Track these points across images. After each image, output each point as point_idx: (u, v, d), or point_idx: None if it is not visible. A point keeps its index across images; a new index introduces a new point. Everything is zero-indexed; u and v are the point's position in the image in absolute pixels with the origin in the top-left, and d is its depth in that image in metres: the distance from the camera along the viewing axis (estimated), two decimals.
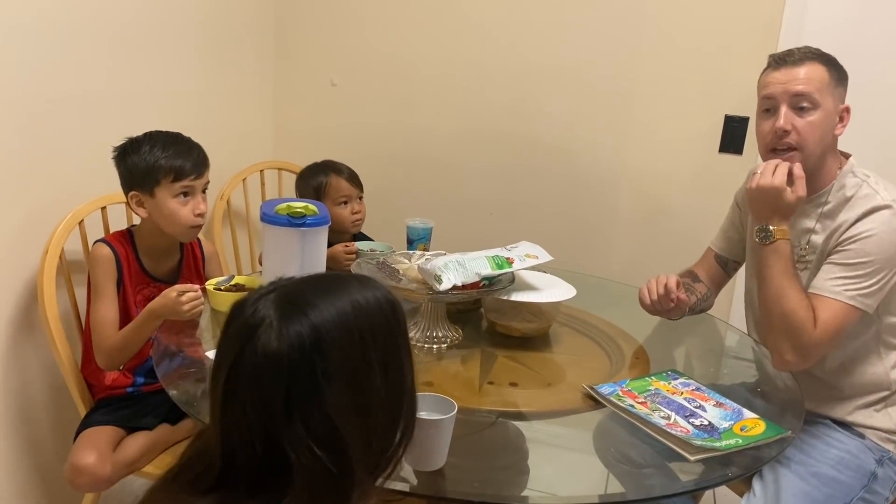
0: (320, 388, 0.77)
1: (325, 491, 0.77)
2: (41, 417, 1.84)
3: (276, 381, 0.76)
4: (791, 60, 1.51)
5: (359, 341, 0.80)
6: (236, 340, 0.79)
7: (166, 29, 2.12)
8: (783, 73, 1.51)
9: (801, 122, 1.48)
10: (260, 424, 0.77)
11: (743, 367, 1.75)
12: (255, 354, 0.77)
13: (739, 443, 1.24)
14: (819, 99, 1.48)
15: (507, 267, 1.59)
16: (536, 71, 2.46)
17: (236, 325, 0.80)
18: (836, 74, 1.51)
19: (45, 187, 1.75)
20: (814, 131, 1.48)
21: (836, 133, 1.53)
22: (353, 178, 2.15)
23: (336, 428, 0.77)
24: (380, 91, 2.63)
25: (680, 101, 2.36)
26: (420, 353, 1.56)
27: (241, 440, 0.78)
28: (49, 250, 1.69)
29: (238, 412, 0.78)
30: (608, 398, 1.36)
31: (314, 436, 0.76)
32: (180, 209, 1.62)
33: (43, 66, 1.71)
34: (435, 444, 1.09)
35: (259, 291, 0.82)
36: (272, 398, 0.76)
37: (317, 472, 0.76)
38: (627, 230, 2.48)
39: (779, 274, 1.44)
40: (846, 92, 1.53)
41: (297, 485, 0.76)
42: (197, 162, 1.64)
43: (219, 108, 2.43)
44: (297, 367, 0.76)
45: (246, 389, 0.77)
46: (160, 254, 1.73)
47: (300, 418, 0.76)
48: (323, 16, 2.63)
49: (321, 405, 0.77)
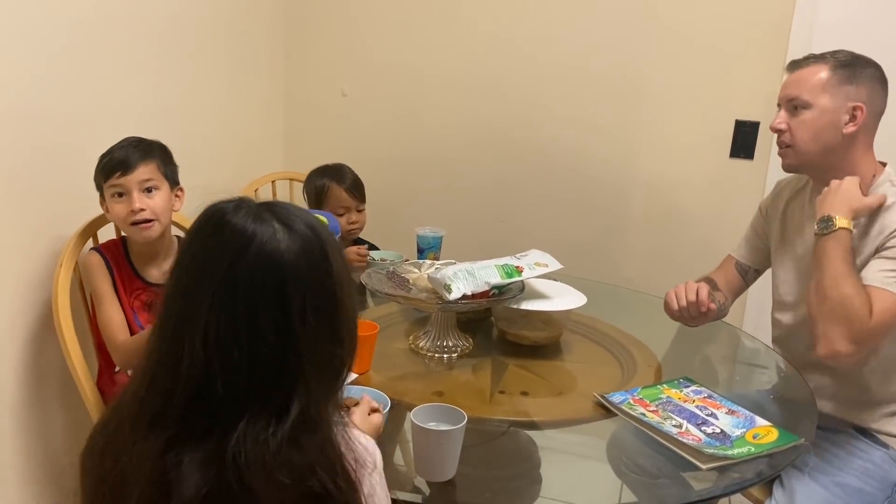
0: (328, 284, 0.82)
1: (331, 376, 0.85)
2: (56, 428, 1.85)
3: (294, 277, 0.79)
4: (799, 65, 1.57)
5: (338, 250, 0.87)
6: (232, 245, 0.79)
7: (178, 40, 2.14)
8: (789, 77, 1.58)
9: (794, 122, 1.55)
10: (273, 323, 0.78)
11: (756, 374, 1.74)
12: (267, 254, 0.79)
13: (752, 451, 1.23)
14: (810, 99, 1.52)
15: (517, 275, 1.59)
16: (546, 77, 2.46)
17: (226, 231, 0.80)
18: (845, 74, 1.51)
19: (60, 198, 1.77)
20: (805, 130, 1.54)
21: (846, 132, 1.52)
22: (354, 189, 2.16)
23: (341, 320, 0.84)
24: (390, 101, 2.65)
25: (690, 106, 2.35)
26: (431, 362, 1.56)
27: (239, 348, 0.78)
28: (64, 262, 1.71)
29: (242, 316, 0.78)
30: (619, 407, 1.35)
31: (326, 329, 0.82)
32: (115, 207, 1.63)
33: (58, 79, 1.73)
34: (445, 454, 1.09)
35: (227, 203, 0.83)
36: (291, 294, 0.79)
37: (326, 367, 0.83)
38: (638, 237, 2.47)
39: (838, 260, 1.43)
40: (866, 92, 1.52)
41: (308, 382, 0.80)
42: (123, 160, 1.60)
43: (230, 118, 2.45)
44: (311, 264, 0.81)
45: (258, 290, 0.78)
46: (154, 257, 1.73)
47: (314, 314, 0.80)
48: (333, 27, 2.65)
49: (330, 301, 0.82)
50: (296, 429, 0.79)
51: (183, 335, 0.79)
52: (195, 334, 0.79)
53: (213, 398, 0.79)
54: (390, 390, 1.28)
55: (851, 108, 1.51)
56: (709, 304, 1.60)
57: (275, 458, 0.77)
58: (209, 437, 0.78)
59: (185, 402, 0.80)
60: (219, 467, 0.77)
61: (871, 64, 1.54)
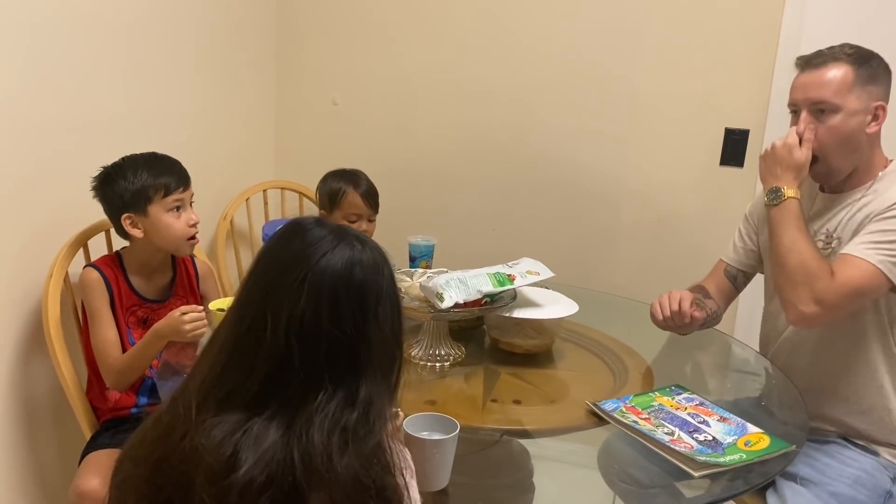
0: (392, 292, 0.95)
1: (392, 379, 0.95)
2: (46, 440, 1.84)
3: (372, 282, 0.92)
4: (815, 63, 1.51)
5: None
6: (314, 252, 0.90)
7: (168, 50, 2.14)
8: (806, 77, 1.52)
9: (821, 128, 1.50)
10: (351, 317, 0.89)
11: (748, 381, 1.74)
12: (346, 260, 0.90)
13: (744, 458, 1.23)
14: (839, 102, 1.47)
15: (509, 284, 1.59)
16: (537, 86, 2.47)
17: (305, 240, 0.92)
18: (866, 72, 1.48)
19: (49, 210, 1.77)
20: (833, 136, 1.49)
21: (870, 131, 1.50)
22: (369, 197, 2.11)
23: (400, 326, 0.96)
24: (381, 110, 2.65)
25: (681, 114, 2.37)
26: (423, 371, 1.56)
27: (318, 337, 0.87)
28: (54, 273, 1.70)
29: (323, 309, 0.88)
30: (611, 414, 1.35)
31: (390, 330, 0.93)
32: (175, 223, 1.66)
33: (46, 89, 1.73)
34: (438, 463, 1.09)
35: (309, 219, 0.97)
36: (368, 296, 0.91)
37: (387, 364, 0.93)
38: (630, 244, 2.48)
39: (792, 228, 1.46)
40: (883, 89, 1.51)
41: (370, 371, 0.90)
42: (181, 176, 1.69)
43: (221, 128, 2.45)
44: (389, 279, 0.95)
45: (340, 288, 0.89)
46: (152, 273, 1.74)
47: (384, 315, 0.92)
48: (324, 36, 2.66)
49: (391, 307, 0.94)
50: (360, 417, 0.87)
51: (267, 319, 0.88)
52: (280, 319, 0.87)
53: (290, 378, 0.87)
54: None
55: (875, 107, 1.49)
56: (692, 313, 1.59)
57: (339, 440, 0.84)
58: (281, 415, 0.85)
59: (263, 380, 0.87)
60: (287, 443, 0.83)
61: (878, 56, 1.52)
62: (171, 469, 0.85)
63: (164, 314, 1.61)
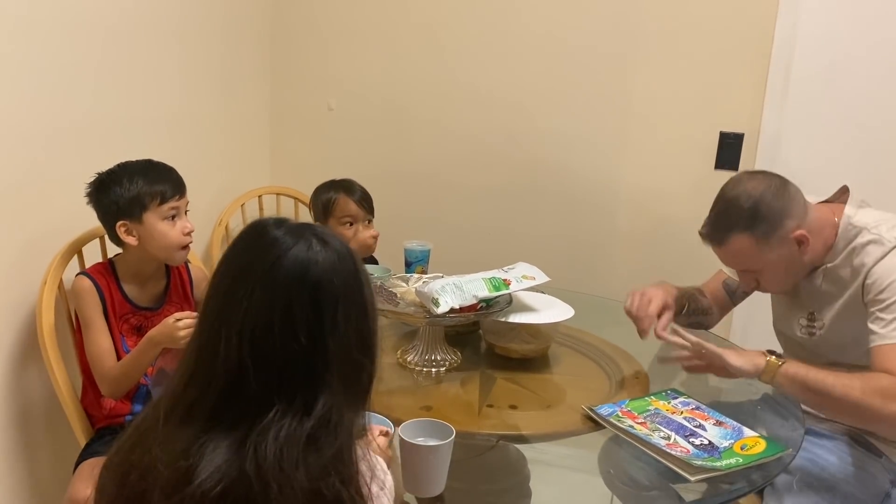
0: (358, 297, 0.89)
1: (358, 388, 0.89)
2: (41, 448, 1.83)
3: (328, 286, 0.86)
4: (715, 241, 1.55)
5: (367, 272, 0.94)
6: (269, 254, 0.86)
7: (163, 56, 2.14)
8: (717, 251, 1.58)
9: (760, 280, 1.58)
10: (306, 326, 0.84)
11: (743, 385, 1.74)
12: (302, 262, 0.85)
13: (740, 462, 1.23)
14: (757, 265, 1.54)
15: (504, 288, 1.59)
16: (532, 91, 2.48)
17: (264, 241, 0.87)
18: (764, 228, 1.48)
19: (44, 217, 1.76)
20: (772, 281, 1.58)
21: (805, 258, 1.52)
22: (364, 202, 2.10)
23: (370, 332, 0.90)
24: (376, 115, 2.65)
25: (675, 118, 2.37)
26: (419, 376, 1.56)
27: (273, 347, 0.84)
28: (48, 280, 1.70)
29: (277, 318, 0.84)
30: (608, 419, 1.35)
31: (354, 339, 0.88)
32: (170, 231, 1.66)
33: (39, 96, 1.73)
34: (433, 469, 1.09)
35: (268, 219, 0.91)
36: (323, 301, 0.85)
37: (353, 375, 0.87)
38: (626, 248, 2.48)
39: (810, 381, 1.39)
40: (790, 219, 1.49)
41: (333, 384, 0.85)
42: (177, 184, 1.69)
43: (216, 134, 2.45)
44: (343, 275, 0.87)
45: (294, 295, 0.84)
46: (146, 280, 1.73)
47: (345, 322, 0.86)
48: (319, 41, 2.66)
49: (358, 313, 0.88)
50: (317, 429, 0.83)
51: (221, 331, 0.85)
52: (232, 330, 0.84)
53: (246, 392, 0.84)
54: (378, 405, 1.26)
55: (795, 238, 1.50)
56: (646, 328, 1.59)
57: (292, 452, 0.81)
58: (237, 428, 0.83)
59: (220, 394, 0.84)
60: (240, 456, 0.81)
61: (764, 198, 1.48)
62: (134, 480, 0.84)
63: (158, 321, 1.61)
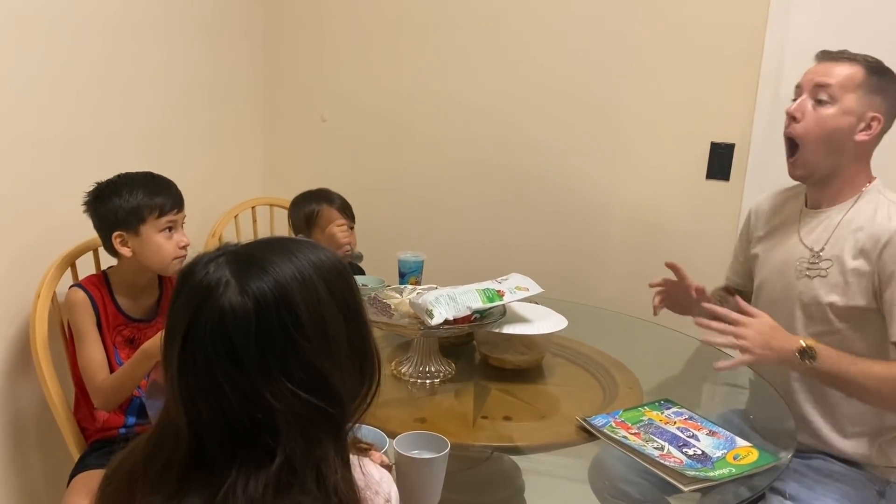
0: (293, 338, 0.78)
1: (323, 433, 0.80)
2: (34, 461, 1.83)
3: (245, 337, 0.77)
4: (833, 56, 1.53)
5: (321, 291, 0.81)
6: (190, 304, 0.78)
7: (155, 66, 2.14)
8: (819, 66, 1.53)
9: (812, 115, 1.50)
10: (232, 384, 0.77)
11: (736, 394, 1.75)
12: (216, 313, 0.77)
13: (733, 472, 1.24)
14: (839, 94, 1.47)
15: (498, 300, 1.59)
16: (525, 102, 2.49)
17: (188, 288, 0.79)
18: (876, 81, 1.48)
19: (37, 230, 1.76)
20: (820, 126, 1.49)
21: (858, 139, 1.49)
22: (345, 209, 2.17)
23: (318, 370, 0.79)
24: (369, 126, 2.66)
25: (666, 129, 2.39)
26: (413, 388, 1.56)
27: (208, 407, 0.77)
28: (41, 293, 1.69)
29: (202, 376, 0.77)
30: (601, 430, 1.36)
31: (298, 383, 0.78)
32: (166, 243, 1.66)
33: (32, 109, 1.73)
34: (428, 483, 1.09)
35: (206, 256, 0.81)
36: (245, 355, 0.77)
37: (308, 418, 0.78)
38: (618, 259, 2.49)
39: (851, 367, 1.39)
40: (888, 104, 1.49)
41: (288, 433, 0.77)
42: (176, 198, 1.69)
43: (210, 145, 2.45)
44: (266, 320, 0.77)
45: (211, 350, 0.77)
46: (139, 292, 1.73)
47: (280, 370, 0.77)
48: (312, 52, 2.67)
49: (299, 354, 0.78)
50: (280, 479, 0.77)
51: (171, 393, 0.81)
52: (172, 394, 0.80)
53: (206, 452, 0.79)
54: (372, 418, 1.27)
55: (871, 117, 1.48)
56: None
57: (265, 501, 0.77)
58: (206, 489, 0.79)
59: (185, 456, 0.80)
60: None
61: (894, 74, 1.51)
62: None
63: (151, 334, 1.61)
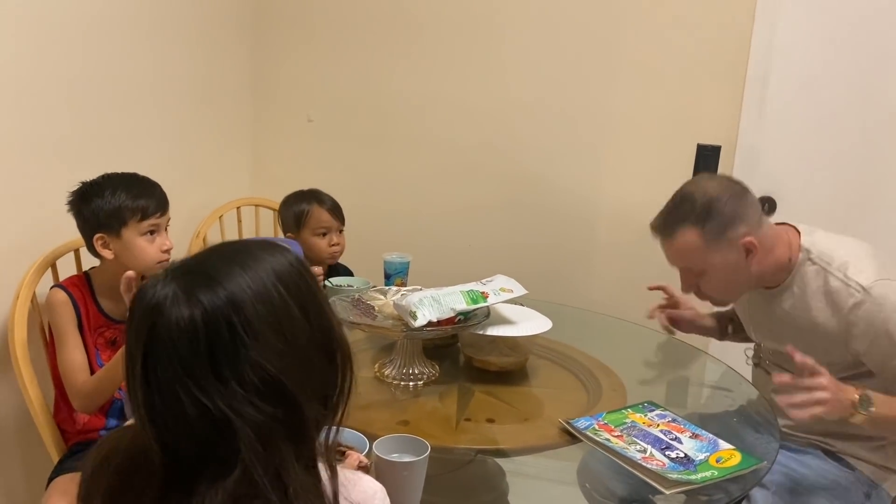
0: (244, 343, 0.77)
1: (280, 439, 0.78)
2: (12, 464, 1.80)
3: (195, 347, 0.76)
4: (664, 233, 1.53)
5: (274, 292, 0.80)
6: (143, 324, 0.78)
7: (142, 67, 2.12)
8: (663, 245, 1.55)
9: (701, 284, 1.54)
10: (191, 397, 0.76)
11: (720, 397, 1.75)
12: (167, 328, 0.76)
13: (715, 475, 1.23)
14: (700, 263, 1.50)
15: (482, 301, 1.59)
16: (511, 104, 2.49)
17: (139, 311, 0.79)
18: (714, 227, 1.46)
19: (17, 230, 1.74)
20: (714, 287, 1.54)
21: (752, 269, 1.50)
22: (336, 211, 2.16)
23: (271, 376, 0.77)
24: (356, 126, 2.65)
25: (653, 131, 2.39)
26: (396, 390, 1.55)
27: (175, 422, 0.77)
28: (20, 294, 1.67)
29: (165, 393, 0.77)
30: (584, 433, 1.35)
31: (252, 390, 0.77)
32: (148, 247, 1.64)
33: (14, 108, 1.71)
34: (408, 486, 1.09)
35: (155, 279, 0.81)
36: (197, 365, 0.76)
37: (265, 424, 0.77)
38: (604, 260, 2.49)
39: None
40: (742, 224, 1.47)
41: (248, 443, 0.76)
42: (160, 200, 1.66)
43: (196, 145, 2.43)
44: (215, 328, 0.76)
45: (167, 367, 0.76)
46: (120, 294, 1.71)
47: (233, 377, 0.76)
48: (299, 52, 2.65)
49: (250, 359, 0.77)
50: (237, 491, 0.76)
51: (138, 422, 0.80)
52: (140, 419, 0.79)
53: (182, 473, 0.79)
54: (355, 420, 1.26)
55: (742, 245, 1.48)
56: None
57: None
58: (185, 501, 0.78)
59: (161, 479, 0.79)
60: None
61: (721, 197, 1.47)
62: None
63: None
